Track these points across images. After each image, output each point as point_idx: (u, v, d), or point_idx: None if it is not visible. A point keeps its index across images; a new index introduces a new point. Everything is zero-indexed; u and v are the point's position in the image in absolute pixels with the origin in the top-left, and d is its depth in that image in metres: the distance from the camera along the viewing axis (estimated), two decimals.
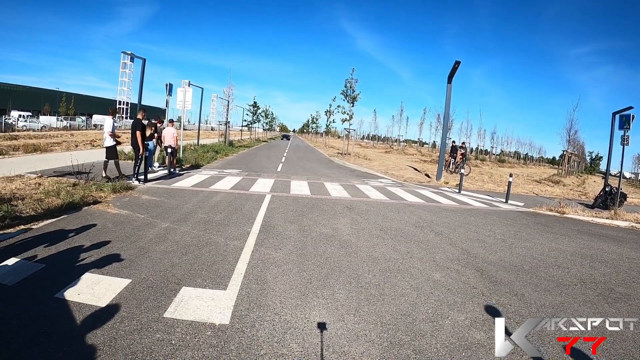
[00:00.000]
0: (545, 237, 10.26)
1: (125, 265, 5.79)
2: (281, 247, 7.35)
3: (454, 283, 6.26)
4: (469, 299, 5.66)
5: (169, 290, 5.08)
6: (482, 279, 6.60)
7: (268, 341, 4.06)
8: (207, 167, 20.56)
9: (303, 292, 5.40)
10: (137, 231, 7.62)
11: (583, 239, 10.52)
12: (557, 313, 5.39)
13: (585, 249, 9.41)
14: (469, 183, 22.88)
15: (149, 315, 4.37)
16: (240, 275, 5.77)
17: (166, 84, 22.10)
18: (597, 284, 6.87)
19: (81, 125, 67.98)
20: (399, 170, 28.59)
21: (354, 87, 40.39)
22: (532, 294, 6.10)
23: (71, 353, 3.57)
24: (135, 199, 10.50)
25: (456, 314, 5.12)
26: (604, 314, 5.47)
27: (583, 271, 7.57)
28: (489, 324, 4.88)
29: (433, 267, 6.96)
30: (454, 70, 21.68)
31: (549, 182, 33.25)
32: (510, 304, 5.60)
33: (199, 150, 26.99)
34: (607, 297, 6.23)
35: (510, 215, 13.51)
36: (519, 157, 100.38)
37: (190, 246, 6.96)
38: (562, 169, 51.71)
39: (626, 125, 16.97)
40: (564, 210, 14.96)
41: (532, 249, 8.90)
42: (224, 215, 9.50)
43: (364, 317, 4.80)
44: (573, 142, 49.42)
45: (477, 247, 8.60)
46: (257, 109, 61.88)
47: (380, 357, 3.96)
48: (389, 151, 68.63)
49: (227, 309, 4.70)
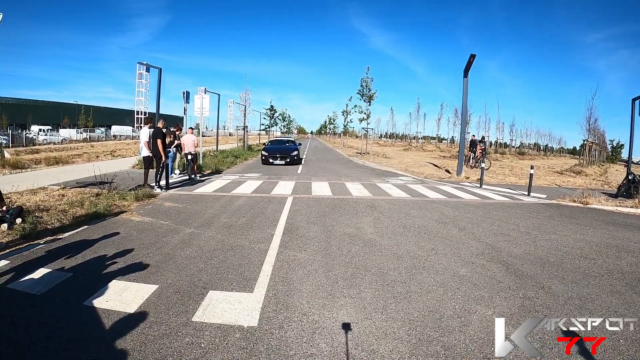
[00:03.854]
0: (569, 229, 10.12)
1: (152, 272, 5.83)
2: (306, 248, 7.35)
3: (479, 278, 6.19)
4: (495, 294, 5.58)
5: (196, 295, 5.09)
6: (507, 273, 6.51)
7: (297, 342, 4.04)
8: (228, 172, 20.69)
9: (330, 292, 5.38)
10: (161, 237, 7.67)
11: (608, 229, 10.35)
12: (584, 305, 5.29)
13: (610, 239, 9.26)
14: (489, 177, 22.64)
15: (177, 320, 4.38)
16: (267, 278, 5.77)
17: (183, 91, 22.25)
18: (625, 274, 6.74)
19: (100, 136, 68.85)
20: (418, 167, 28.44)
21: (370, 85, 40.22)
22: (558, 286, 6.00)
23: (102, 359, 3.61)
24: (158, 206, 10.59)
25: (483, 309, 5.05)
26: (633, 305, 5.38)
27: (609, 262, 7.44)
28: (516, 318, 4.81)
29: (458, 263, 6.89)
30: (469, 64, 21.48)
31: (571, 173, 32.76)
32: (537, 297, 5.51)
33: (219, 156, 27.15)
34: (634, 287, 6.10)
35: (533, 207, 13.35)
36: (539, 149, 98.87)
37: (215, 250, 6.99)
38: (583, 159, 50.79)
39: None
40: (587, 201, 14.71)
41: (556, 241, 8.78)
42: (247, 219, 9.53)
43: (392, 315, 4.76)
44: (593, 131, 48.50)
45: (502, 241, 8.51)
46: (274, 112, 61.95)
47: (410, 354, 3.92)
48: (407, 148, 68.19)
49: (255, 311, 4.70)
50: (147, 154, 13.46)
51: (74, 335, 3.95)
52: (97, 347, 3.78)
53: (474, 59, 21.12)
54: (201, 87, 23.96)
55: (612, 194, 18.34)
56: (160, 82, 20.44)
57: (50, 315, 4.38)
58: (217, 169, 21.22)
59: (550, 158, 78.43)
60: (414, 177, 21.43)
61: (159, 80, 20.45)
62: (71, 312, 4.47)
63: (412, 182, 19.17)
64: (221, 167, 21.99)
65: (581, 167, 40.41)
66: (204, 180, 16.60)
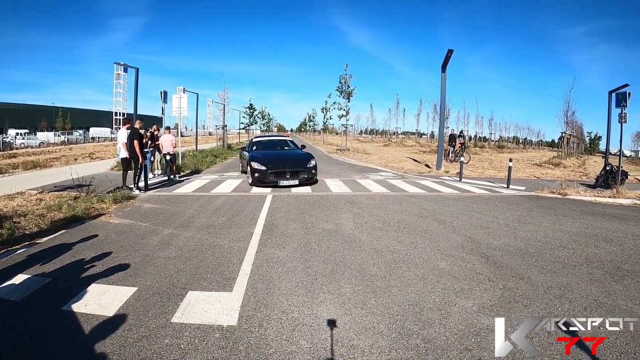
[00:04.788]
0: (548, 220, 10.26)
1: (131, 274, 5.81)
2: (285, 246, 7.38)
3: (459, 270, 6.27)
4: (475, 285, 5.67)
5: (175, 296, 5.09)
6: (487, 264, 6.60)
7: (276, 339, 4.07)
8: (207, 172, 20.62)
9: (309, 288, 5.42)
10: (140, 239, 7.64)
11: (587, 219, 10.51)
12: (564, 294, 5.39)
13: (589, 228, 9.41)
14: (469, 170, 22.85)
15: (156, 322, 4.38)
16: (246, 276, 5.79)
17: (161, 91, 22.04)
18: (603, 263, 6.86)
19: (79, 139, 68.09)
20: (398, 162, 28.56)
21: (349, 82, 40.22)
22: (538, 276, 6.09)
23: None
24: (137, 208, 10.53)
25: (463, 301, 5.13)
26: (612, 293, 5.47)
27: (588, 251, 7.56)
28: (496, 309, 4.89)
29: (438, 256, 6.97)
30: (447, 59, 21.68)
31: (550, 165, 33.15)
32: (517, 288, 5.60)
33: (198, 156, 26.99)
34: (614, 275, 6.22)
35: (512, 200, 13.51)
36: (518, 142, 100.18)
37: (194, 251, 6.99)
38: (561, 151, 51.60)
39: (623, 102, 16.86)
40: (566, 192, 14.93)
41: (536, 231, 8.90)
42: (227, 218, 9.53)
43: (371, 310, 4.81)
44: (571, 123, 49.37)
45: (481, 233, 8.61)
46: (254, 110, 61.82)
47: (390, 348, 3.96)
48: (387, 144, 68.46)
49: (234, 310, 4.72)
50: (125, 156, 13.36)
51: (53, 342, 3.94)
52: (76, 353, 3.78)
53: (452, 54, 21.35)
54: (180, 87, 23.85)
55: (591, 184, 18.70)
56: (137, 82, 20.31)
57: (29, 321, 4.36)
58: (197, 168, 21.12)
59: (529, 151, 79.43)
60: (393, 173, 21.56)
61: (135, 80, 20.30)
62: (50, 318, 4.45)
63: (392, 177, 19.30)
64: (200, 167, 21.91)
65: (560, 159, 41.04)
66: (183, 181, 16.51)
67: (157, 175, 17.91)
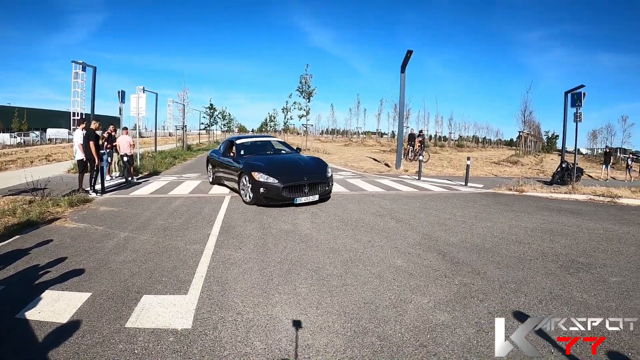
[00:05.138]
0: (505, 216, 10.52)
1: (85, 279, 5.75)
2: (241, 247, 7.41)
3: (416, 267, 6.42)
4: (431, 282, 5.82)
5: (130, 300, 5.08)
6: (444, 261, 6.77)
7: (231, 342, 4.12)
8: (166, 173, 20.36)
9: (264, 289, 5.48)
10: (95, 243, 7.54)
11: (543, 215, 10.82)
12: (520, 288, 5.59)
13: (545, 223, 9.69)
14: (428, 169, 23.21)
15: (110, 327, 4.37)
16: (201, 279, 5.81)
17: (118, 91, 21.67)
18: (559, 256, 7.10)
19: (36, 140, 66.24)
20: (358, 162, 28.75)
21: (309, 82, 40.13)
22: (494, 271, 6.28)
23: None
24: (93, 212, 10.35)
25: (419, 298, 5.25)
26: (567, 285, 5.67)
27: (544, 245, 7.80)
28: (452, 305, 5.03)
29: (395, 254, 7.11)
30: (406, 60, 22.01)
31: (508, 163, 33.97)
32: (473, 283, 5.76)
33: (157, 157, 26.59)
34: (568, 268, 6.46)
35: (470, 197, 13.80)
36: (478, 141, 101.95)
37: (150, 254, 6.95)
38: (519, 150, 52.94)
39: (578, 102, 17.58)
40: (523, 189, 15.34)
41: (492, 228, 9.12)
42: (184, 220, 9.49)
43: (327, 309, 4.91)
44: (528, 122, 51.08)
45: (438, 230, 8.79)
46: (214, 111, 61.24)
47: (345, 347, 4.05)
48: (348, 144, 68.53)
49: (189, 313, 4.74)
50: (81, 157, 13.08)
51: (5, 351, 3.91)
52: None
53: (411, 55, 21.70)
54: (139, 86, 23.48)
55: (547, 181, 19.31)
56: (95, 81, 19.99)
57: None
58: (155, 170, 20.77)
59: (489, 149, 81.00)
60: (353, 172, 21.77)
61: (93, 79, 19.98)
62: (3, 327, 4.39)
63: (351, 176, 19.48)
64: (159, 169, 21.54)
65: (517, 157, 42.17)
66: (140, 183, 16.24)
67: (115, 177, 17.58)
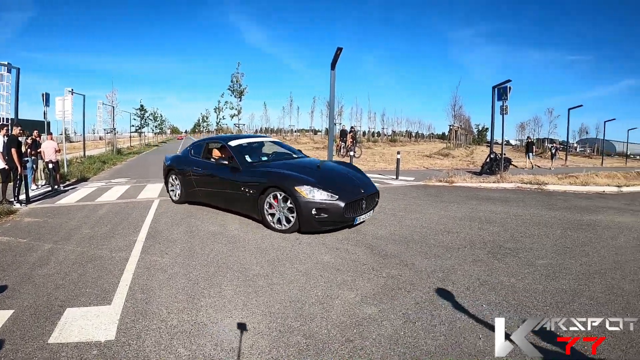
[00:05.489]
0: (434, 207, 10.76)
1: (8, 296, 5.42)
2: (167, 252, 7.23)
3: (343, 263, 6.48)
4: (358, 276, 5.87)
5: (53, 314, 4.83)
6: (372, 254, 6.84)
7: (155, 350, 4.01)
8: (94, 179, 19.59)
9: (190, 294, 5.36)
10: (18, 257, 7.14)
11: (471, 204, 11.15)
12: (447, 277, 5.75)
13: (473, 212, 9.98)
14: (360, 164, 23.35)
15: (33, 344, 4.15)
16: (126, 287, 5.61)
17: (42, 93, 20.69)
18: (487, 244, 7.34)
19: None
20: None
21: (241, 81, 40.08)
22: (422, 261, 6.41)
23: None
24: (16, 223, 9.84)
25: (346, 293, 5.29)
26: (494, 271, 5.84)
27: (472, 233, 8.04)
28: (379, 297, 5.09)
29: (322, 250, 7.15)
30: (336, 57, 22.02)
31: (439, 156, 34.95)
32: (400, 275, 5.86)
33: (86, 162, 25.54)
34: (496, 254, 6.70)
35: (400, 190, 14.06)
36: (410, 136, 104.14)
37: (74, 264, 6.64)
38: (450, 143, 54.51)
39: (504, 96, 18.58)
40: (453, 180, 15.79)
41: (421, 219, 9.31)
42: (110, 227, 9.12)
43: (252, 310, 4.86)
44: (458, 116, 53.29)
45: (367, 224, 8.89)
46: (145, 112, 60.13)
47: (270, 347, 4.02)
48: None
49: (112, 323, 4.58)
50: (3, 166, 12.49)
51: None
52: None
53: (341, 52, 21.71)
54: (68, 88, 22.65)
55: (477, 172, 19.96)
56: (18, 83, 19.10)
57: None
58: (83, 176, 19.92)
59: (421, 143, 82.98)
60: None
61: (16, 81, 18.95)
62: None
63: None
64: (87, 175, 20.67)
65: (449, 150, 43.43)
66: (67, 190, 15.46)
67: (41, 185, 16.70)
